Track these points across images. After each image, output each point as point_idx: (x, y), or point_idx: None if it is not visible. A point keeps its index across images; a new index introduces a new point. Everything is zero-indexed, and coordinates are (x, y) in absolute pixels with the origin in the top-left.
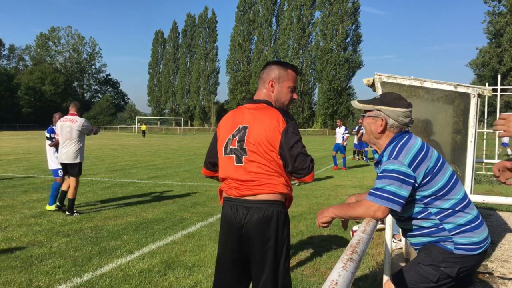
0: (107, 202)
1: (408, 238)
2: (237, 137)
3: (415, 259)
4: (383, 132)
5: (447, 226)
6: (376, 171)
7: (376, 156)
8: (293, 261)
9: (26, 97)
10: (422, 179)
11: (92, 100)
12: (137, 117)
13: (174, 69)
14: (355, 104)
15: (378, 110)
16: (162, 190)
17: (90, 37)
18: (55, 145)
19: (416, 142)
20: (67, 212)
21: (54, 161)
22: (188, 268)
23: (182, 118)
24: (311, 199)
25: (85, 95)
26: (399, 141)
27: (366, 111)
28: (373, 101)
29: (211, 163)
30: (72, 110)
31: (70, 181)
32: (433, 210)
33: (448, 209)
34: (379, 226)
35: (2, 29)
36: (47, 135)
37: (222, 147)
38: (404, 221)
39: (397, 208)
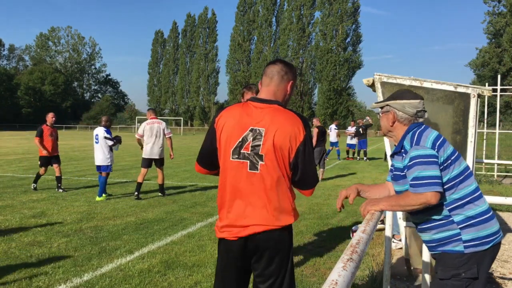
0: (106, 202)
1: (420, 233)
2: (250, 141)
3: (436, 279)
4: (393, 124)
5: (456, 218)
6: (392, 162)
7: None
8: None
9: (26, 97)
10: (440, 164)
11: (92, 100)
12: (137, 117)
13: (174, 69)
14: (372, 105)
15: (387, 105)
16: None
17: (90, 37)
18: (115, 144)
19: (432, 131)
20: (159, 194)
21: (108, 157)
22: (188, 268)
23: (182, 118)
24: (311, 199)
25: (85, 95)
26: (417, 130)
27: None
28: (385, 99)
29: (208, 163)
30: (153, 114)
31: (158, 172)
32: (445, 200)
33: (459, 199)
34: (379, 226)
35: (2, 29)
36: (107, 135)
37: (229, 149)
38: (415, 213)
39: (441, 189)
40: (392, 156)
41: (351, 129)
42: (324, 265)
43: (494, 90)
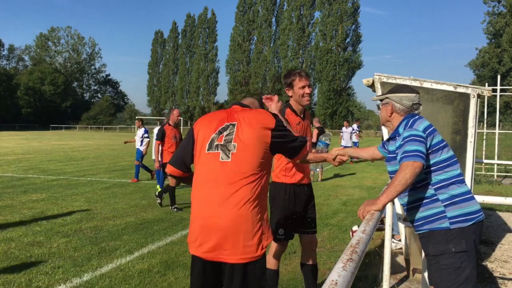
0: (106, 202)
1: (408, 213)
2: (224, 134)
3: (428, 258)
4: (391, 114)
5: (441, 197)
6: (388, 147)
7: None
8: (293, 261)
9: (25, 97)
10: (429, 148)
11: (92, 100)
12: (136, 117)
13: (174, 69)
14: (373, 98)
15: (386, 98)
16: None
17: (90, 37)
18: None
19: (425, 120)
20: None
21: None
22: (188, 268)
23: (181, 118)
24: None
25: (85, 95)
26: (412, 118)
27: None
28: (385, 93)
29: (180, 163)
30: None
31: None
32: (431, 180)
33: (444, 180)
34: (379, 226)
35: (2, 29)
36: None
37: (205, 144)
38: (404, 193)
39: (424, 162)
40: (388, 141)
41: (346, 130)
42: (324, 265)
43: (494, 90)
